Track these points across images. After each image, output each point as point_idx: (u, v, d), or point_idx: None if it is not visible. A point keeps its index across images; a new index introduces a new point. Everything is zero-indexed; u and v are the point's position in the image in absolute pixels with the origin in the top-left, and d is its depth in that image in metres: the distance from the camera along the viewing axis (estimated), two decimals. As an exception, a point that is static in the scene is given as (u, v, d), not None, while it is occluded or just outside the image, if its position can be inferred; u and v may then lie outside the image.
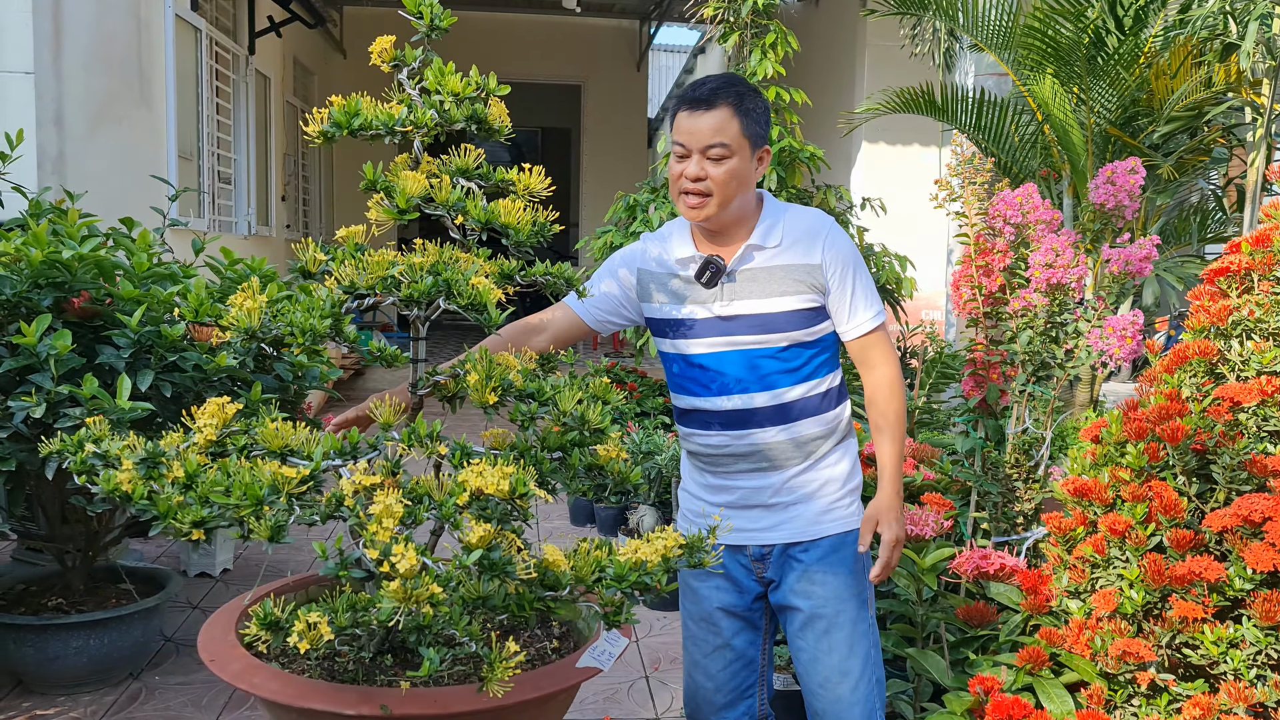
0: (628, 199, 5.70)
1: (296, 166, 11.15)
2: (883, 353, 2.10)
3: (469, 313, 1.71)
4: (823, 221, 2.08)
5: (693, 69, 15.75)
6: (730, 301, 2.06)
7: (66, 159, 5.11)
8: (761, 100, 2.03)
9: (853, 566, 2.13)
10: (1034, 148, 4.51)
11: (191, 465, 1.59)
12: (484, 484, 1.53)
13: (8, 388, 2.85)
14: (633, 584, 1.59)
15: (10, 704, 3.16)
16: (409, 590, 1.44)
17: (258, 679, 1.67)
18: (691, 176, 1.99)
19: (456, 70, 1.93)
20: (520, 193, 1.97)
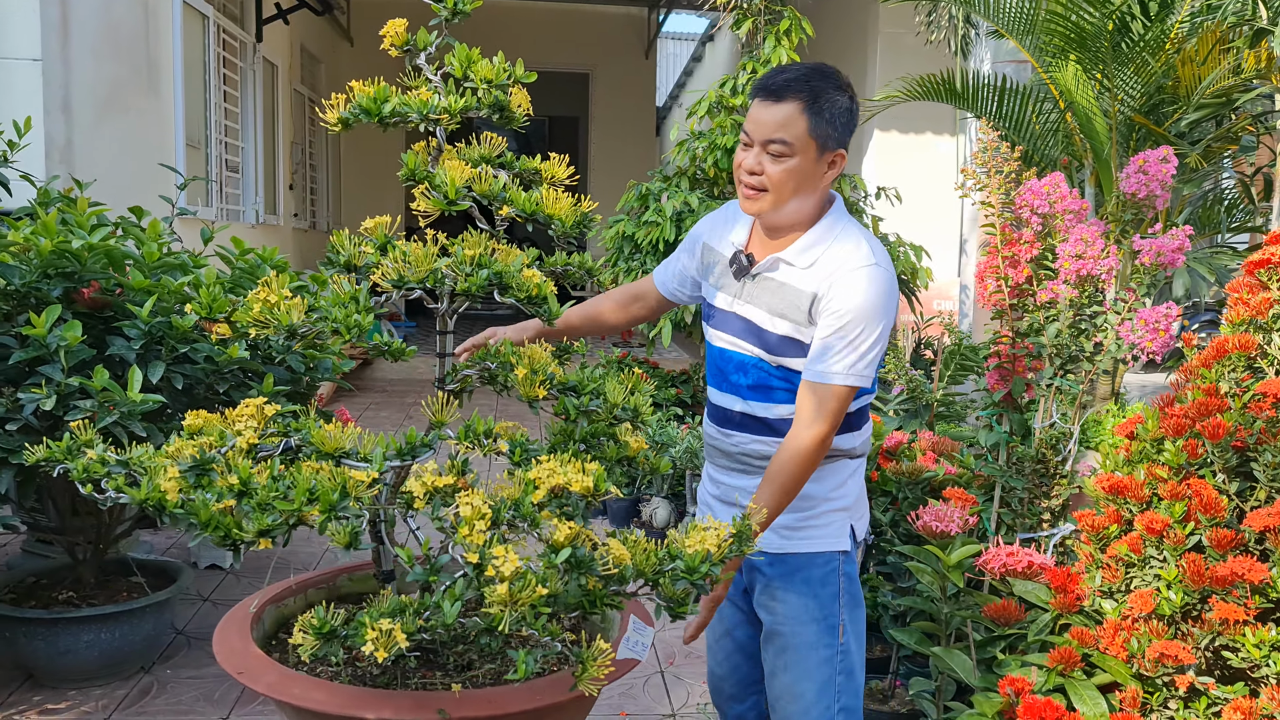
0: (640, 188, 5.64)
1: (304, 155, 11.10)
2: (819, 413, 1.85)
3: (528, 306, 1.68)
4: (856, 261, 1.88)
5: (701, 57, 15.65)
6: (746, 303, 1.99)
7: (74, 147, 5.06)
8: (843, 99, 1.88)
9: (819, 590, 2.00)
10: (1055, 136, 4.44)
11: (245, 471, 1.52)
12: (568, 482, 1.49)
13: (17, 379, 2.81)
14: (703, 575, 1.55)
15: (21, 697, 3.13)
16: (515, 593, 1.40)
17: (298, 690, 1.61)
18: (748, 169, 1.90)
19: (467, 51, 1.88)
20: (547, 181, 1.93)
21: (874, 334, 1.87)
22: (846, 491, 2.02)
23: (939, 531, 2.57)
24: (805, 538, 1.99)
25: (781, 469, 1.87)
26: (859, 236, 1.93)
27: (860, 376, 1.87)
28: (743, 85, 5.58)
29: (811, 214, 1.94)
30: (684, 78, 17.15)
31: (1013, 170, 2.83)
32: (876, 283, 1.87)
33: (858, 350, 1.85)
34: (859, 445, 2.06)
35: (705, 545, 1.54)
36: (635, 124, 14.73)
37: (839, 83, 1.88)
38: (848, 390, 1.87)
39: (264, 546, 1.45)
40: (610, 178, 14.06)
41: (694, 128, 5.86)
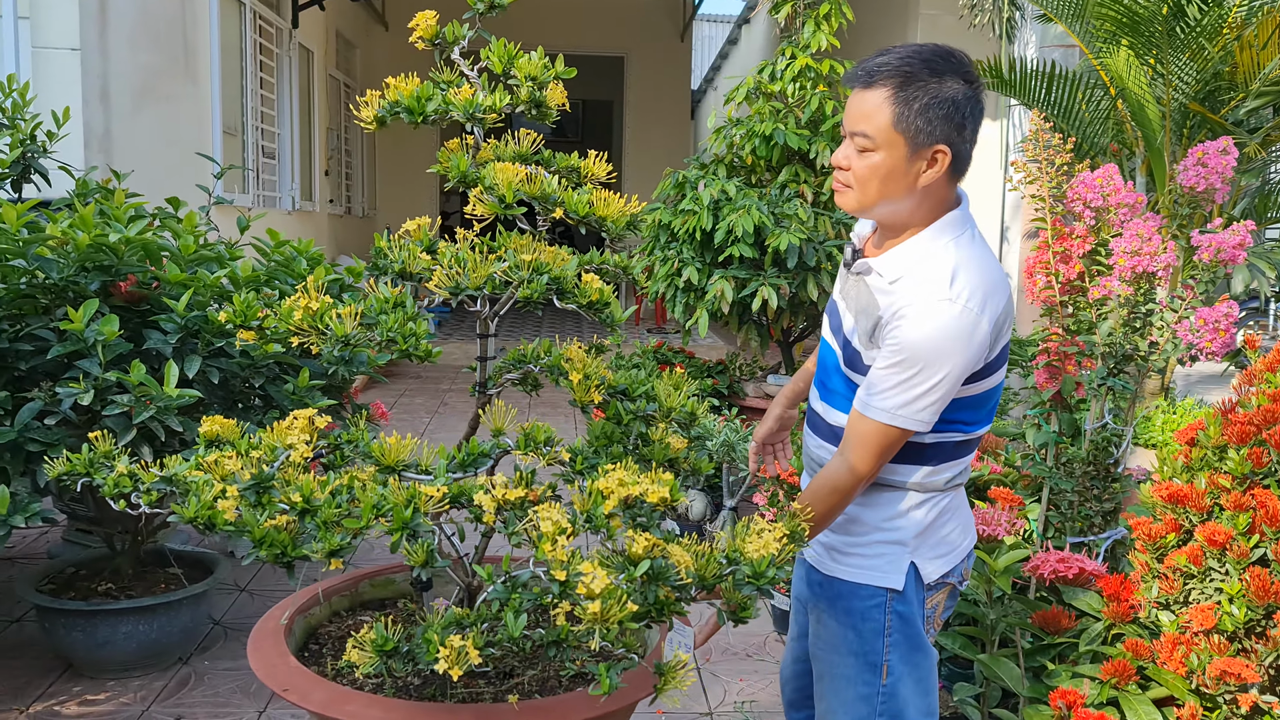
0: (676, 176, 5.58)
1: (339, 141, 11.12)
2: (860, 451, 1.69)
3: (588, 311, 1.63)
4: (933, 293, 1.63)
5: (737, 40, 15.49)
6: (842, 298, 1.85)
7: (113, 136, 5.07)
8: (942, 87, 1.61)
9: (859, 624, 1.82)
10: (1105, 123, 4.32)
11: (309, 488, 1.47)
12: (643, 492, 1.45)
13: (56, 373, 2.81)
14: (770, 580, 1.48)
15: (61, 687, 3.15)
16: (607, 611, 1.35)
17: (352, 707, 1.57)
18: (835, 163, 1.71)
19: (506, 46, 1.83)
20: (586, 181, 1.88)
21: (933, 378, 1.63)
22: (903, 525, 1.80)
23: (985, 535, 2.50)
24: (850, 565, 1.83)
25: (813, 496, 1.73)
26: (953, 261, 1.65)
27: (912, 420, 1.66)
28: (781, 71, 5.49)
29: (913, 219, 1.71)
30: (719, 60, 16.98)
31: (1065, 162, 2.74)
32: (946, 321, 1.61)
33: (911, 392, 1.64)
34: (922, 480, 1.81)
35: (768, 549, 1.48)
36: (670, 108, 14.62)
37: (946, 67, 1.62)
38: (895, 432, 1.68)
39: (335, 567, 1.42)
40: (645, 163, 13.98)
41: (731, 114, 5.78)
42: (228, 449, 1.55)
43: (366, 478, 1.51)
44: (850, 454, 1.70)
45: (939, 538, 1.83)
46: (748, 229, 4.84)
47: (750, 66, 5.84)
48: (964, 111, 1.62)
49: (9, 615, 3.66)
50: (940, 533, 1.83)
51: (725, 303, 5.04)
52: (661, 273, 5.29)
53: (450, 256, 1.64)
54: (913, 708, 1.83)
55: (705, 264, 5.18)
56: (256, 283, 3.10)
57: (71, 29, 4.88)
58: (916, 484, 1.80)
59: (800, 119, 5.35)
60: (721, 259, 5.09)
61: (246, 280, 3.09)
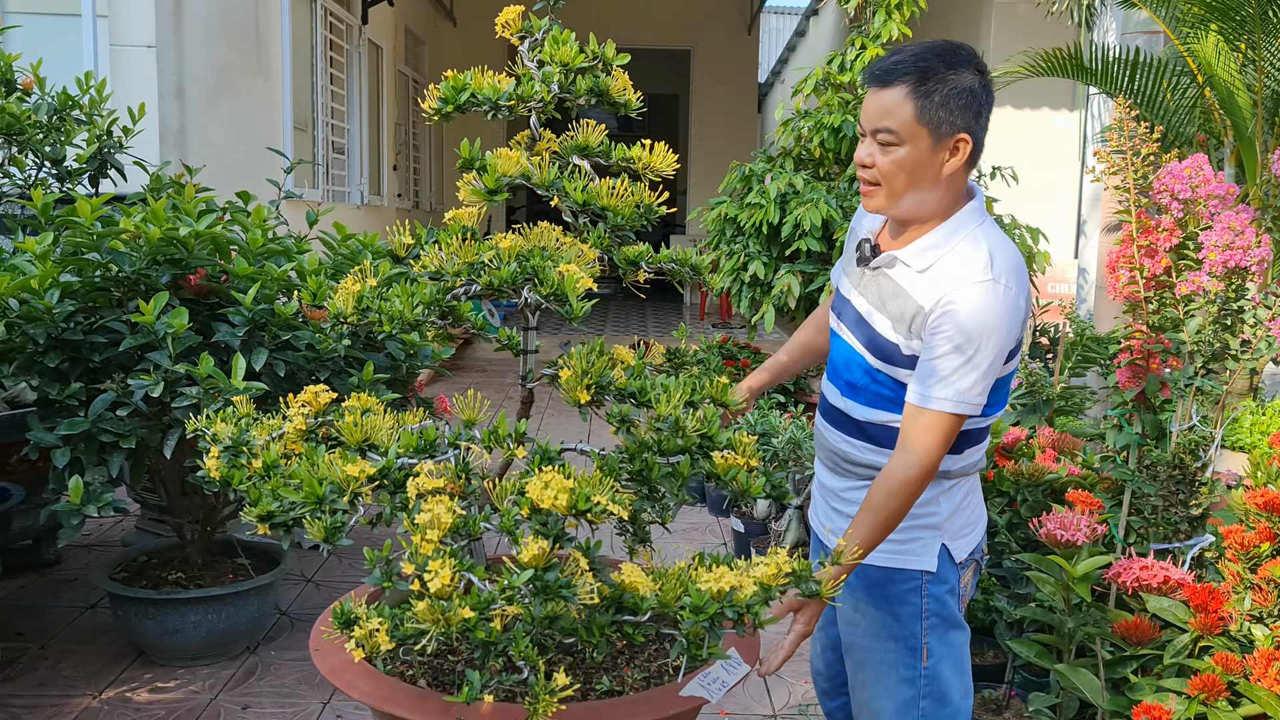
0: (743, 169, 5.50)
1: (407, 136, 11.22)
2: (923, 441, 1.71)
3: (550, 303, 1.60)
4: (972, 274, 1.70)
5: (805, 32, 15.31)
6: (860, 294, 1.86)
7: (187, 132, 5.16)
8: (961, 77, 1.68)
9: (896, 608, 1.87)
10: (1192, 113, 4.14)
11: (271, 456, 1.54)
12: (541, 497, 1.40)
13: (128, 365, 2.85)
14: (712, 617, 1.41)
15: (134, 674, 3.21)
16: (438, 611, 1.34)
17: (349, 676, 1.64)
18: (858, 160, 1.76)
19: (559, 34, 1.80)
20: (641, 171, 1.84)
21: (988, 358, 1.69)
22: (936, 510, 1.85)
23: (1064, 540, 2.41)
24: (885, 551, 1.84)
25: (880, 499, 1.72)
26: (984, 243, 1.73)
27: (969, 405, 1.70)
28: (851, 62, 5.38)
29: (937, 210, 1.77)
30: (787, 53, 16.81)
31: (1151, 152, 2.62)
32: (994, 300, 1.68)
33: (968, 377, 1.69)
34: (957, 468, 1.87)
35: (724, 583, 1.41)
36: (737, 102, 14.51)
37: (958, 59, 1.69)
38: (955, 419, 1.71)
39: (262, 531, 1.48)
40: (711, 156, 13.90)
41: (799, 106, 5.69)
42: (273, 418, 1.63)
43: (336, 456, 1.54)
44: (916, 449, 1.72)
45: (964, 519, 1.90)
46: (815, 222, 4.76)
47: (818, 59, 5.74)
48: (980, 100, 1.71)
49: (85, 602, 3.74)
50: (965, 514, 1.91)
51: (792, 297, 4.96)
52: (727, 267, 5.23)
53: (438, 244, 1.64)
54: (954, 688, 1.88)
55: (772, 258, 5.11)
56: (324, 276, 3.11)
57: (148, 27, 4.97)
58: (949, 471, 1.84)
59: (870, 110, 5.24)
60: (788, 253, 5.01)
61: (313, 273, 3.11)
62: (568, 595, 1.38)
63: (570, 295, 1.60)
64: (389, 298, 1.65)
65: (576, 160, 1.82)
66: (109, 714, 2.95)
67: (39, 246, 2.81)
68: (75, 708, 2.98)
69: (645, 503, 1.62)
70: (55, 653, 3.33)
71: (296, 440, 1.64)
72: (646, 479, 1.62)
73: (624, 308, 12.96)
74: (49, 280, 2.73)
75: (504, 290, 1.64)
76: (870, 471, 1.87)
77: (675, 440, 1.63)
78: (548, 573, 1.38)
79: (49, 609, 3.68)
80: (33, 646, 3.36)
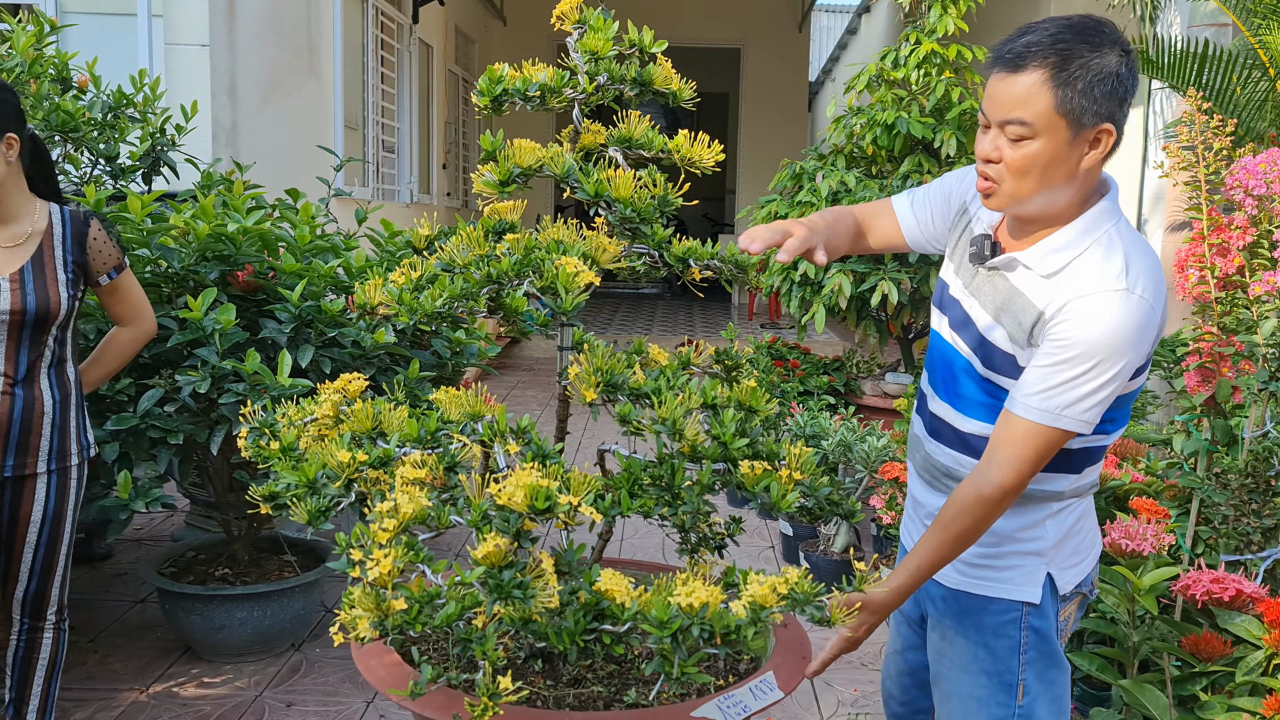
0: (794, 166, 5.43)
1: (457, 134, 11.27)
2: (1011, 453, 1.53)
3: (545, 296, 1.56)
4: (1103, 282, 1.50)
5: (856, 29, 15.13)
6: (972, 295, 1.67)
7: (239, 130, 5.20)
8: (1107, 60, 1.47)
9: (991, 640, 1.69)
10: (1264, 107, 3.99)
11: (288, 439, 1.55)
12: (500, 494, 1.36)
13: (176, 361, 2.86)
14: (675, 633, 1.31)
15: (181, 669, 3.22)
16: (375, 600, 1.33)
17: (372, 661, 1.64)
18: (981, 155, 1.55)
19: (615, 34, 1.76)
20: (680, 163, 1.78)
21: (1106, 375, 1.49)
22: (1042, 534, 1.67)
23: (1129, 550, 2.31)
24: (981, 578, 1.70)
25: (951, 514, 1.57)
26: (1119, 246, 1.54)
27: (1077, 421, 1.52)
28: (905, 58, 5.28)
29: (1068, 208, 1.57)
30: (838, 51, 16.64)
31: (1223, 147, 2.51)
32: (1125, 312, 1.48)
33: (1079, 390, 1.50)
34: (1070, 488, 1.68)
35: (695, 599, 1.32)
36: (787, 100, 14.38)
37: (1102, 39, 1.48)
38: (1055, 434, 1.52)
39: (264, 511, 1.50)
40: (761, 154, 13.79)
41: (852, 103, 5.59)
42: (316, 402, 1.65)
43: (331, 442, 1.56)
44: (1001, 461, 1.54)
45: (1073, 546, 1.71)
46: (868, 221, 4.66)
47: (871, 55, 5.64)
48: (1126, 85, 1.49)
49: (135, 596, 3.77)
50: (1075, 540, 1.71)
51: (843, 297, 4.87)
52: (777, 266, 5.15)
53: (452, 239, 1.62)
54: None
55: (822, 257, 5.02)
56: (370, 272, 3.10)
57: (202, 26, 5.02)
58: (1059, 493, 1.67)
59: (924, 107, 5.14)
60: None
61: (360, 270, 3.10)
62: (519, 595, 1.33)
63: (562, 288, 1.55)
64: (414, 291, 1.63)
65: (612, 152, 1.78)
66: (155, 709, 2.96)
67: (90, 242, 2.83)
68: (122, 702, 3.00)
69: (662, 508, 1.55)
70: (104, 646, 3.36)
71: (330, 426, 1.63)
72: (669, 485, 1.55)
73: (672, 307, 12.90)
74: (99, 276, 2.74)
75: (505, 282, 1.60)
76: None
77: (716, 447, 1.56)
78: (503, 571, 1.33)
79: (99, 602, 3.72)
80: (83, 640, 3.39)
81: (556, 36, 1.81)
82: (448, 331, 3.27)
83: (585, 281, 1.57)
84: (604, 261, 1.67)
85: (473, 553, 1.34)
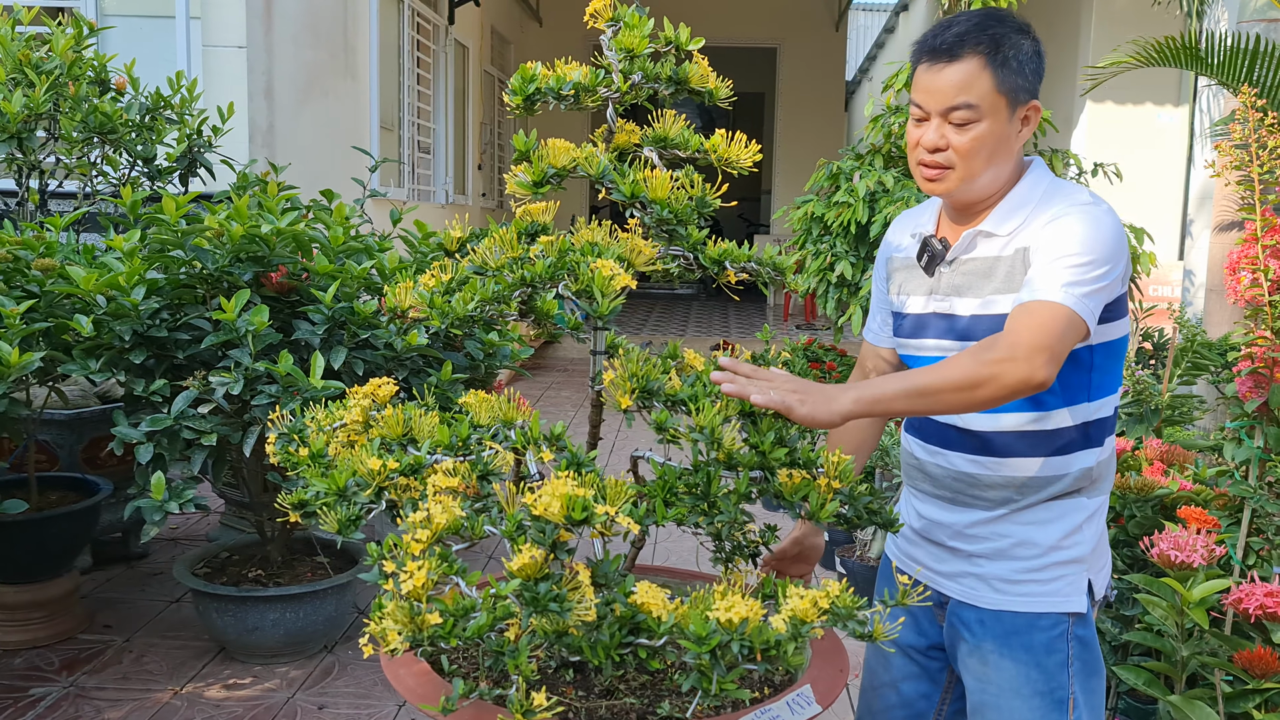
0: (830, 166, 5.35)
1: (492, 135, 11.29)
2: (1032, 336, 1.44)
3: (580, 299, 1.53)
4: (1074, 202, 1.57)
5: (894, 28, 14.99)
6: (946, 297, 1.67)
7: (275, 131, 5.23)
8: (1028, 41, 1.59)
9: (1042, 659, 1.63)
10: (1317, 104, 3.88)
11: (318, 445, 1.53)
12: (536, 504, 1.31)
13: (210, 362, 2.86)
14: (714, 649, 1.26)
15: (214, 669, 3.23)
16: (409, 613, 1.29)
17: (401, 670, 1.60)
18: (929, 145, 1.60)
19: (649, 33, 1.72)
20: (716, 163, 1.74)
21: (1099, 269, 1.50)
22: (1082, 539, 1.64)
23: (1178, 562, 2.24)
24: (1026, 594, 1.64)
25: (952, 362, 1.47)
26: (1072, 185, 1.64)
27: (1079, 301, 1.48)
28: (945, 55, 5.19)
29: (1009, 181, 1.65)
30: (875, 50, 16.50)
31: (1279, 145, 2.43)
32: (1102, 220, 1.54)
33: (1076, 274, 1.49)
34: (1097, 467, 1.65)
35: (733, 614, 1.27)
36: (823, 100, 14.29)
37: (1015, 23, 1.60)
38: (1072, 318, 1.47)
39: (293, 519, 1.47)
40: (797, 154, 13.71)
41: (890, 102, 5.51)
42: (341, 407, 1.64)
43: (360, 449, 1.53)
44: (1014, 337, 1.46)
45: (1102, 547, 1.71)
46: (906, 221, 4.60)
47: (908, 55, 5.55)
48: (1043, 65, 1.62)
49: (170, 595, 3.79)
50: (1103, 541, 1.71)
51: (880, 299, 4.80)
52: (813, 267, 5.09)
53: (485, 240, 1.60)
54: None
55: (860, 258, 4.96)
56: (403, 274, 3.08)
57: (239, 28, 5.05)
58: (1094, 469, 1.65)
59: (964, 105, 5.05)
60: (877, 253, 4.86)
61: (393, 271, 3.08)
62: (555, 609, 1.29)
63: (598, 292, 1.52)
64: (445, 294, 1.61)
65: (647, 152, 1.74)
66: (188, 709, 2.96)
67: (126, 244, 2.84)
68: (156, 702, 3.00)
69: (697, 516, 1.50)
70: (139, 646, 3.37)
71: (360, 431, 1.60)
72: (706, 493, 1.50)
73: (706, 308, 12.85)
74: (135, 277, 2.75)
75: (539, 285, 1.58)
76: (1005, 494, 1.65)
77: (753, 455, 1.52)
78: (539, 584, 1.30)
79: (135, 602, 3.74)
80: (118, 639, 3.41)
81: (593, 37, 1.78)
82: (481, 333, 3.25)
83: (621, 285, 1.53)
84: (640, 264, 1.63)
85: (507, 564, 1.31)
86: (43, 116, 3.57)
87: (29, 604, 3.35)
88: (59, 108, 3.62)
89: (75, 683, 3.11)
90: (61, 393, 3.23)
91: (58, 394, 3.34)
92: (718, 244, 1.71)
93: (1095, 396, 1.64)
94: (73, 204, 3.80)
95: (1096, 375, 1.64)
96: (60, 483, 3.69)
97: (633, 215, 1.71)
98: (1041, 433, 1.63)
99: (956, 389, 1.45)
